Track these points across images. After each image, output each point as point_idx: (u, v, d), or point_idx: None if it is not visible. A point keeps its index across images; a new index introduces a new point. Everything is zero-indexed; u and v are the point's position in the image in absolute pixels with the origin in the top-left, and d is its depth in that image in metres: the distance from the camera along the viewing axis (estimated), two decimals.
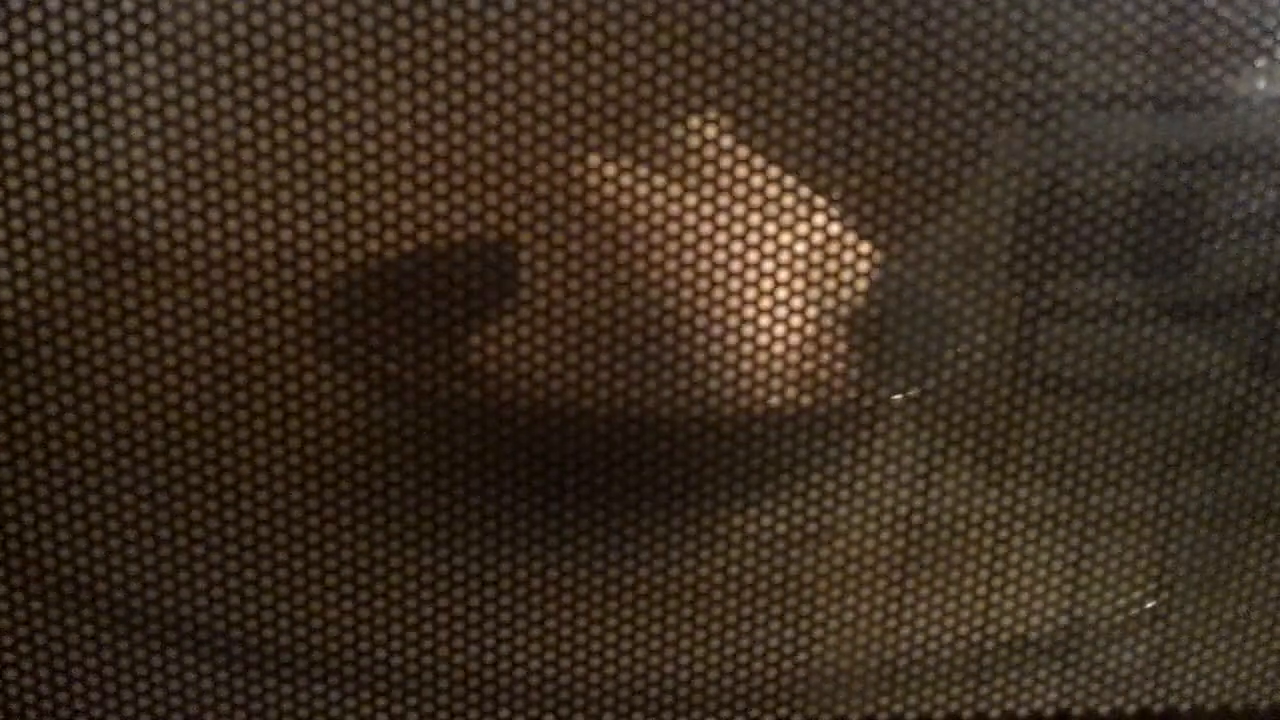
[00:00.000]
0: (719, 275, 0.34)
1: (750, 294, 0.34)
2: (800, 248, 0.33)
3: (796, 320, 0.34)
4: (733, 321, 0.35)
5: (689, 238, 0.33)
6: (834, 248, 0.34)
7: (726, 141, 0.32)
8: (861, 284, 0.34)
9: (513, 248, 0.36)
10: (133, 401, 0.32)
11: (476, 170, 0.31)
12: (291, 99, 0.30)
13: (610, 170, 0.34)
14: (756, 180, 0.32)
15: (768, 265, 0.33)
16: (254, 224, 0.31)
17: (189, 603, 0.34)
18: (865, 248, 0.34)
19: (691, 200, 0.33)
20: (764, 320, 0.34)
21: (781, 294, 0.34)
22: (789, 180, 0.33)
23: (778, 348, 0.34)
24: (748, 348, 0.34)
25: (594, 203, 0.35)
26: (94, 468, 0.32)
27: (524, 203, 0.32)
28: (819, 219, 0.33)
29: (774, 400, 0.35)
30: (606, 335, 0.34)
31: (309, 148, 0.30)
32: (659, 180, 0.33)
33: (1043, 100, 0.32)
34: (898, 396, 0.37)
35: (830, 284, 0.34)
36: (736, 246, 0.33)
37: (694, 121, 0.32)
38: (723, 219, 0.33)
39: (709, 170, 0.32)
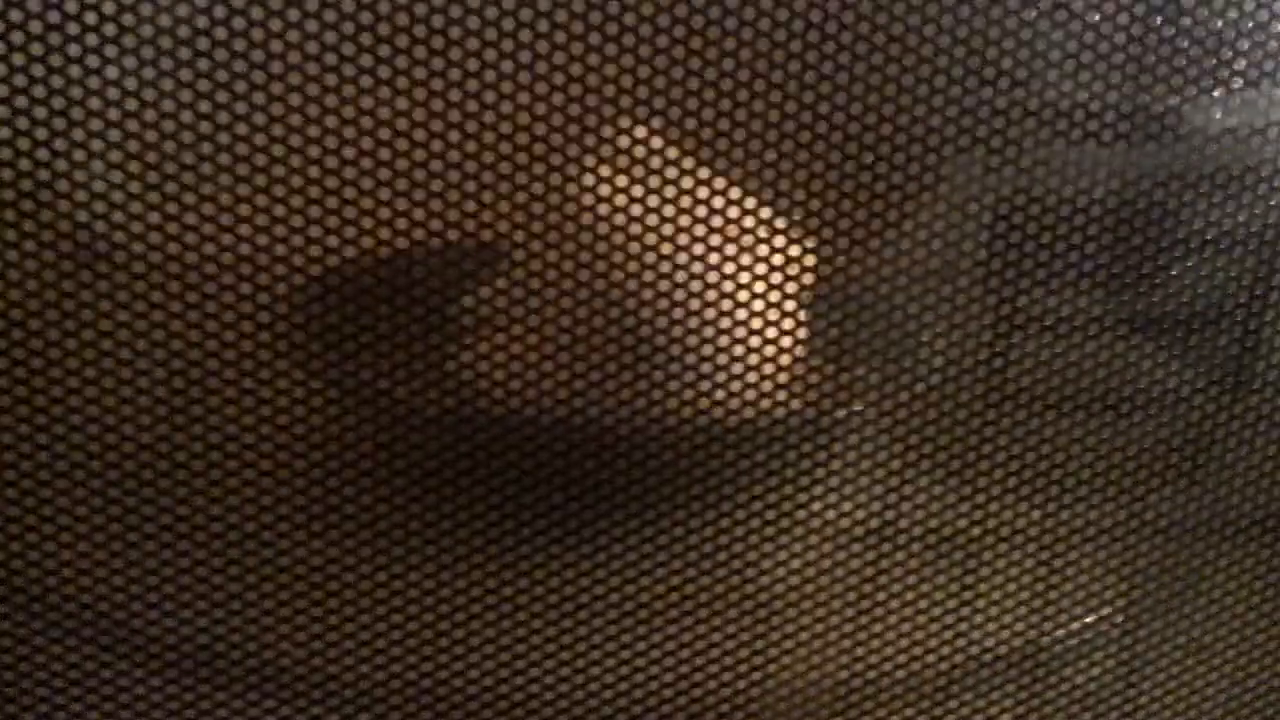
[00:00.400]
0: (684, 283, 0.34)
1: (713, 303, 0.34)
2: (762, 257, 0.33)
3: (757, 331, 0.34)
4: (697, 331, 0.34)
5: (656, 245, 0.33)
6: (796, 260, 0.33)
7: (657, 143, 0.32)
8: (826, 295, 0.34)
9: (484, 254, 0.36)
10: (95, 409, 0.31)
11: (451, 173, 0.31)
12: (257, 102, 0.29)
13: (582, 175, 0.34)
14: (700, 187, 0.32)
15: (730, 275, 0.33)
16: (227, 228, 0.30)
17: (147, 613, 0.34)
18: (830, 259, 0.34)
19: (647, 204, 0.32)
20: (727, 330, 0.34)
21: (744, 305, 0.34)
22: (732, 186, 0.32)
23: (740, 358, 0.34)
24: (710, 356, 0.34)
25: (553, 208, 0.34)
26: (54, 475, 0.32)
27: (494, 206, 0.32)
28: (769, 229, 0.33)
29: (738, 410, 0.35)
30: (559, 343, 0.34)
31: (280, 149, 0.30)
32: (613, 185, 0.33)
33: (1013, 118, 0.32)
34: (866, 408, 0.37)
35: (795, 295, 0.34)
36: (698, 259, 0.33)
37: (637, 129, 0.32)
38: (685, 231, 0.32)
39: (659, 178, 0.32)
